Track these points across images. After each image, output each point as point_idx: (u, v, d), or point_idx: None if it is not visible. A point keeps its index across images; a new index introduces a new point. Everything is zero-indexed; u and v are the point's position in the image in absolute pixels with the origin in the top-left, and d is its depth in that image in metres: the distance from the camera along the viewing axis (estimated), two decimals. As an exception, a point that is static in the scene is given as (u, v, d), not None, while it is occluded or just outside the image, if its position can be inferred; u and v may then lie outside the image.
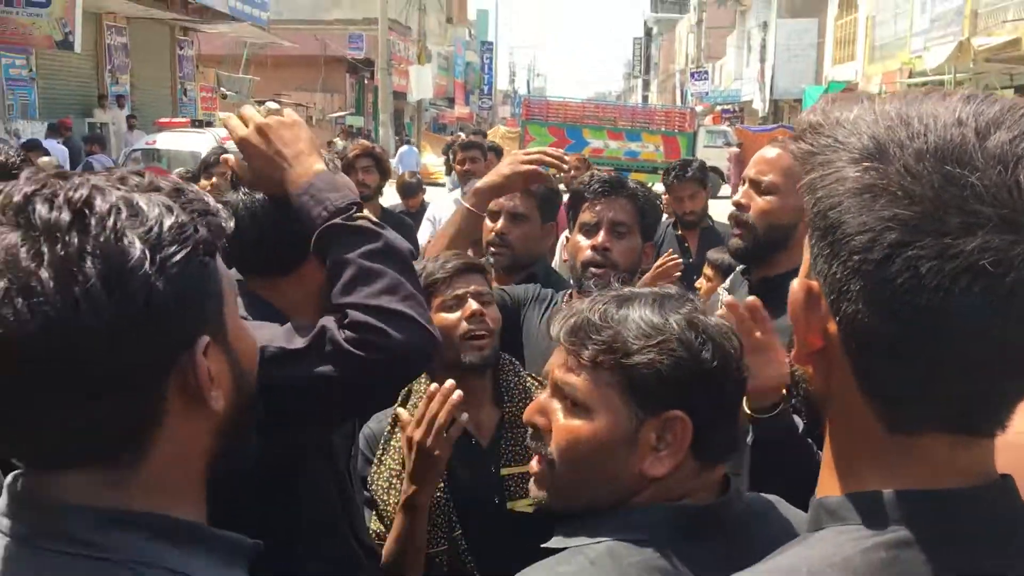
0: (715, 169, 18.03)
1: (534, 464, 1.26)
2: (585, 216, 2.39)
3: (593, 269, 2.32)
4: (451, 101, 46.03)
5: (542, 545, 1.16)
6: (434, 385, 1.77)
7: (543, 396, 1.26)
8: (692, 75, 43.01)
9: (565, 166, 2.40)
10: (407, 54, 34.10)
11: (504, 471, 1.97)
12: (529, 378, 2.11)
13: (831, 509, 0.77)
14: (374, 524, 1.95)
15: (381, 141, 24.71)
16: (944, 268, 0.66)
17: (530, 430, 1.27)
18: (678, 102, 44.50)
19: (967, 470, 0.74)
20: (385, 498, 1.95)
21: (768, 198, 2.28)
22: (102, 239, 0.76)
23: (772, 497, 1.27)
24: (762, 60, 33.19)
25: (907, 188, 0.68)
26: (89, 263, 0.75)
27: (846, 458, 0.79)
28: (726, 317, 1.36)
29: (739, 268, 2.61)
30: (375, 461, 2.01)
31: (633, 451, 1.17)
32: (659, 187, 6.17)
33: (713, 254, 4.22)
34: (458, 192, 5.83)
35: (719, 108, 38.20)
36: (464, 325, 2.00)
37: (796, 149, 0.76)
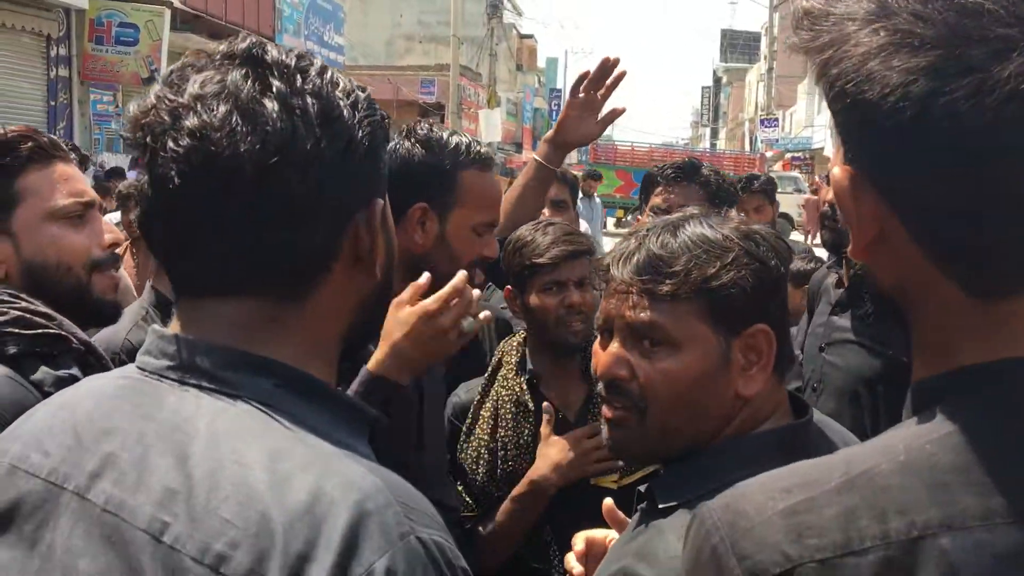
0: (785, 215, 17.90)
1: (607, 410, 1.20)
2: (656, 200, 2.40)
3: None
4: (519, 146, 46.50)
5: (660, 506, 1.11)
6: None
7: (612, 347, 1.20)
8: (761, 122, 42.79)
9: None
10: (477, 99, 34.66)
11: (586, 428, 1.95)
12: None
13: (926, 389, 0.72)
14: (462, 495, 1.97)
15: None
16: (985, 103, 0.61)
17: (601, 386, 1.22)
18: (747, 149, 44.25)
19: None
20: (474, 468, 1.96)
21: None
22: (318, 85, 0.84)
23: (817, 414, 1.24)
24: (834, 107, 32.74)
25: (922, 34, 0.63)
26: (309, 99, 0.82)
27: (935, 340, 0.72)
28: None
29: (826, 265, 2.59)
30: (463, 431, 2.02)
31: (726, 375, 1.13)
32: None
33: (793, 265, 4.15)
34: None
35: (789, 155, 37.84)
36: (562, 312, 2.00)
37: (798, 40, 0.72)
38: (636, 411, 1.17)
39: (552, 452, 1.89)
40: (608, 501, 1.33)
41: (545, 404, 1.93)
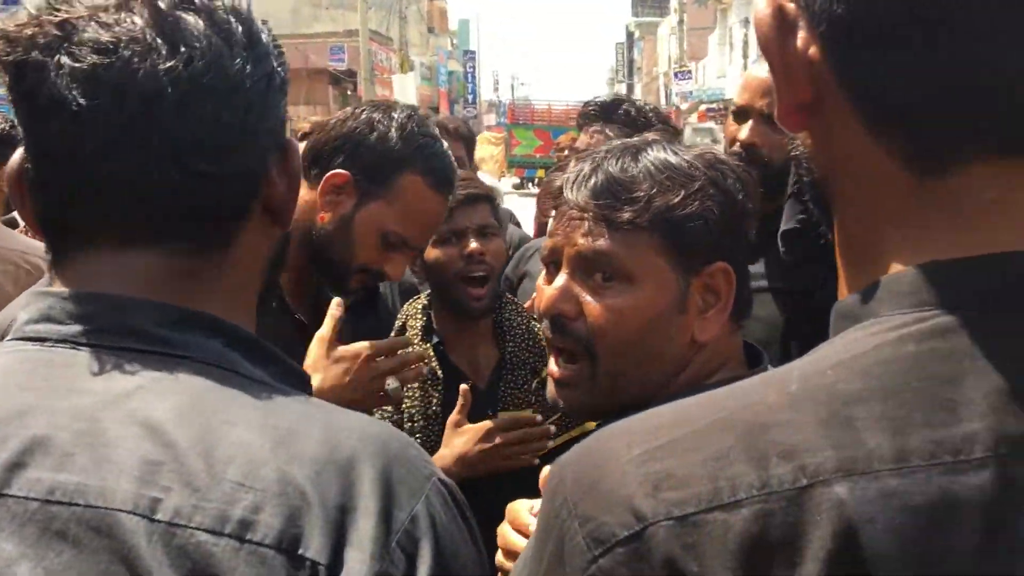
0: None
1: (555, 367, 1.08)
2: (577, 143, 2.37)
3: None
4: (436, 111, 46.10)
5: None
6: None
7: (559, 279, 1.06)
8: (675, 75, 43.15)
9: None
10: (389, 64, 34.11)
11: (502, 415, 1.84)
12: (532, 319, 1.96)
13: (845, 312, 0.56)
14: None
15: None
16: None
17: (546, 323, 1.08)
18: (663, 103, 44.62)
19: None
20: None
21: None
22: (237, 4, 0.75)
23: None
24: (745, 56, 33.24)
25: None
26: (232, 18, 0.74)
27: (861, 245, 0.57)
28: None
29: None
30: None
31: (682, 317, 1.02)
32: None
33: None
34: None
35: (704, 107, 38.29)
36: (461, 264, 1.85)
37: None
38: (585, 356, 1.05)
39: (459, 442, 1.76)
40: (545, 471, 1.25)
41: (463, 388, 1.81)
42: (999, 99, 0.51)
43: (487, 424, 1.78)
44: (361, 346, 1.49)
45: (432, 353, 1.90)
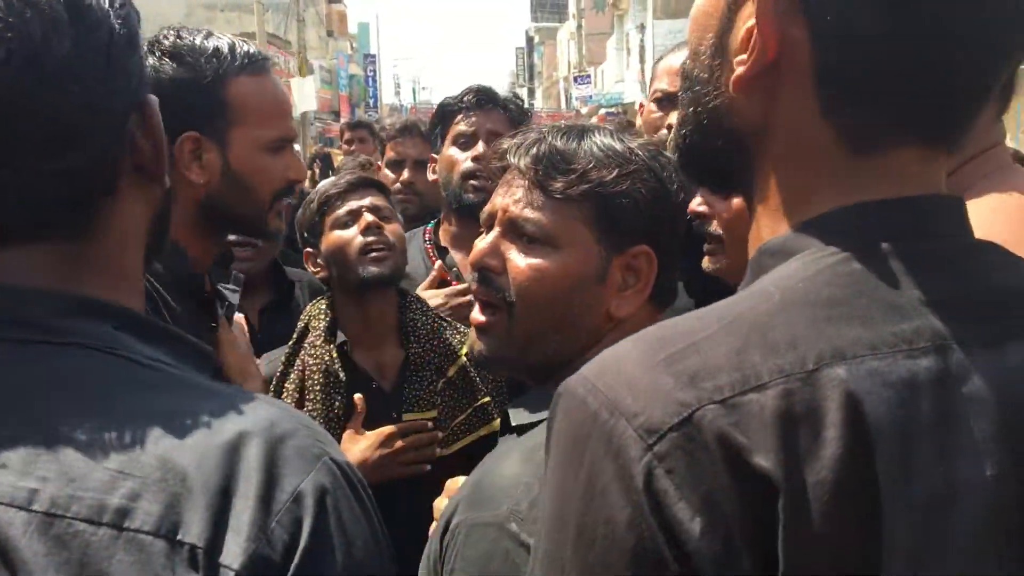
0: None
1: (478, 314, 1.14)
2: (460, 127, 2.27)
3: (474, 182, 2.20)
4: (337, 115, 45.42)
5: (514, 423, 1.08)
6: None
7: (490, 237, 1.14)
8: (575, 80, 43.64)
9: None
10: (288, 68, 33.48)
11: (407, 417, 1.87)
12: (438, 318, 2.00)
13: (774, 249, 0.69)
14: None
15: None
16: None
17: (476, 275, 1.15)
18: (563, 106, 45.11)
19: (933, 186, 0.68)
20: None
21: None
22: None
23: None
24: (641, 61, 33.90)
25: None
26: (53, 3, 0.68)
27: (788, 195, 0.70)
28: None
29: None
30: None
31: (600, 289, 1.09)
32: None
33: None
34: None
35: (603, 111, 38.86)
36: (359, 239, 1.87)
37: None
38: (506, 305, 1.11)
39: (356, 449, 1.78)
40: (450, 482, 1.28)
41: (357, 398, 1.82)
42: (936, 92, 0.65)
43: (387, 429, 1.79)
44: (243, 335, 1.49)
45: (336, 354, 1.90)
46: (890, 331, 0.62)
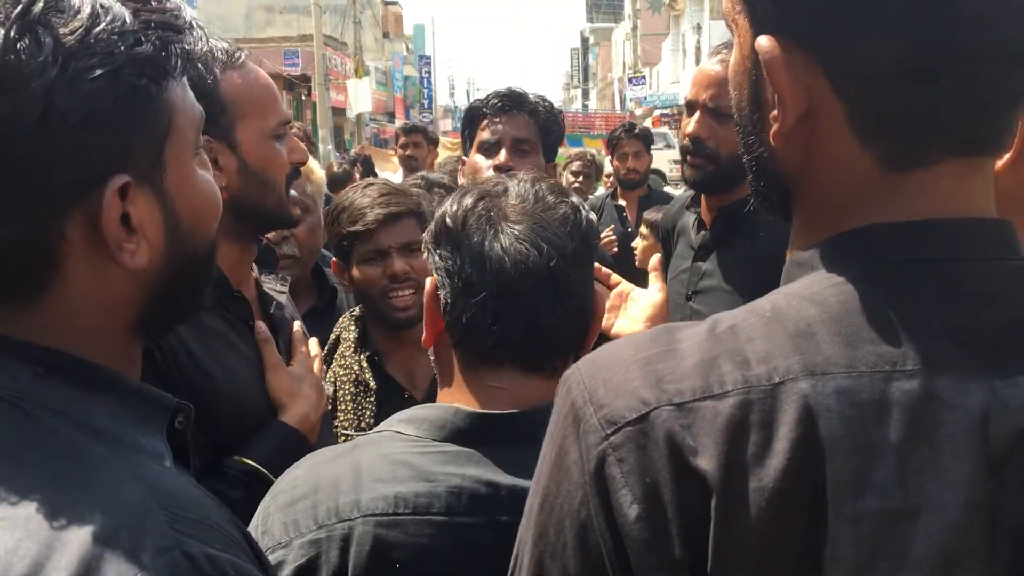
0: (657, 171, 18.14)
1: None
2: (484, 134, 2.19)
3: None
4: (391, 116, 45.86)
5: None
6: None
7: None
8: (630, 80, 43.43)
9: None
10: (344, 69, 33.90)
11: None
12: None
13: (802, 262, 0.70)
14: None
15: (322, 156, 24.46)
16: None
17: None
18: (618, 108, 44.91)
19: (972, 203, 0.68)
20: None
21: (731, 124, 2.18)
22: (10, 31, 0.64)
23: None
24: (697, 62, 33.60)
25: None
26: (29, 39, 0.63)
27: (826, 209, 0.71)
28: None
29: (684, 203, 2.51)
30: None
31: None
32: (607, 167, 6.29)
33: (649, 214, 4.26)
34: (399, 177, 5.67)
35: (658, 112, 38.61)
36: (384, 283, 1.87)
37: None
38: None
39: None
40: None
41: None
42: (965, 109, 0.65)
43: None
44: (306, 356, 1.50)
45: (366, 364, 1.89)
46: (874, 351, 0.63)
